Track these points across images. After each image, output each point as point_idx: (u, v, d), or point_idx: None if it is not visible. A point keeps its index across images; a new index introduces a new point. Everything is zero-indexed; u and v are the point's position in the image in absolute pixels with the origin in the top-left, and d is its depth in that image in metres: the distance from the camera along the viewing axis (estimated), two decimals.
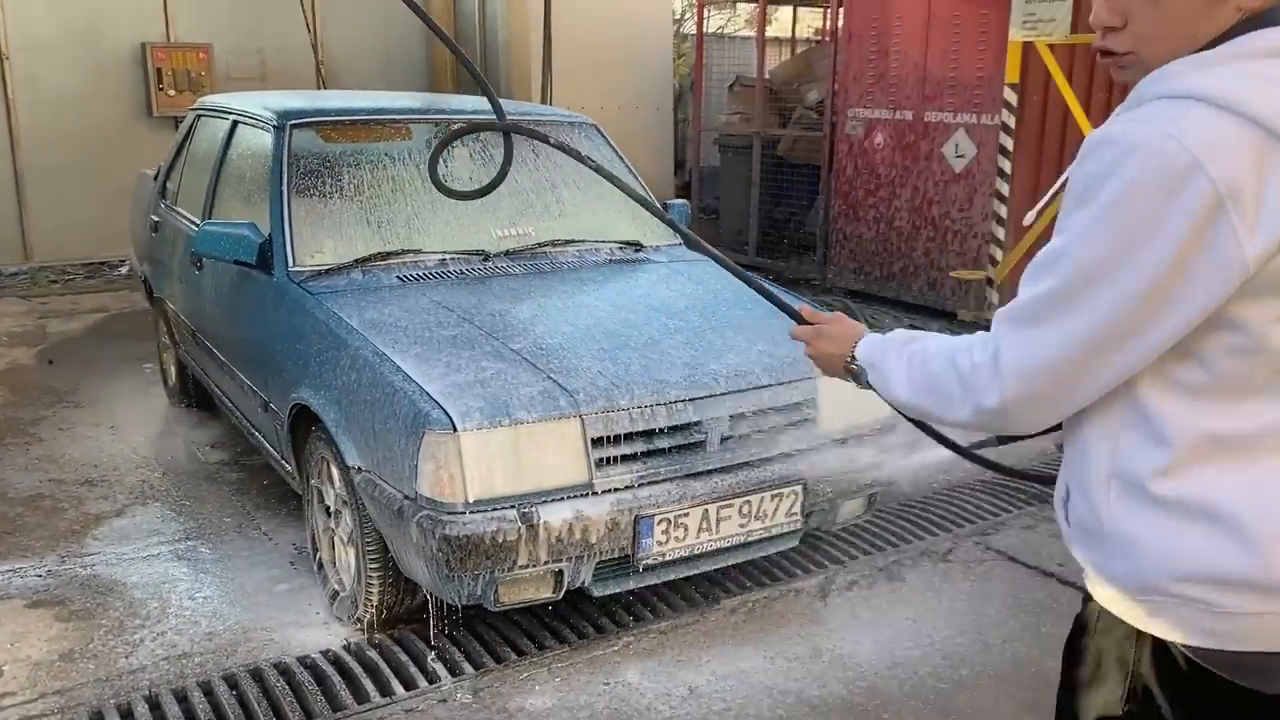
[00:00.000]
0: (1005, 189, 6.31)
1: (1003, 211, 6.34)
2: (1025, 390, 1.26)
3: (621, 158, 4.42)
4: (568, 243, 3.87)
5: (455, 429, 2.61)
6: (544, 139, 1.98)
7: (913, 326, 6.75)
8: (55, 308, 7.48)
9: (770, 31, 9.67)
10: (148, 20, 8.17)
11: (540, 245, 3.80)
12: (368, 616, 3.04)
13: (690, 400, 2.88)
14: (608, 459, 2.78)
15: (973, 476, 4.38)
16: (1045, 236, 1.18)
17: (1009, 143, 6.25)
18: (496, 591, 2.72)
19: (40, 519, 3.93)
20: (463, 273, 3.54)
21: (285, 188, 3.64)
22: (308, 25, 6.75)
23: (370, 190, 3.75)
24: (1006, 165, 6.29)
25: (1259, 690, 1.24)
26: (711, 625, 3.22)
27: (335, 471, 3.09)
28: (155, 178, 5.28)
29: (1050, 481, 1.46)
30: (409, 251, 3.59)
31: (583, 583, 2.84)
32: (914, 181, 7.35)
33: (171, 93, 8.18)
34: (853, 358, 1.58)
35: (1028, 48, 6.04)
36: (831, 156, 8.05)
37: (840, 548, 3.71)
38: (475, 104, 4.47)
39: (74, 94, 8.00)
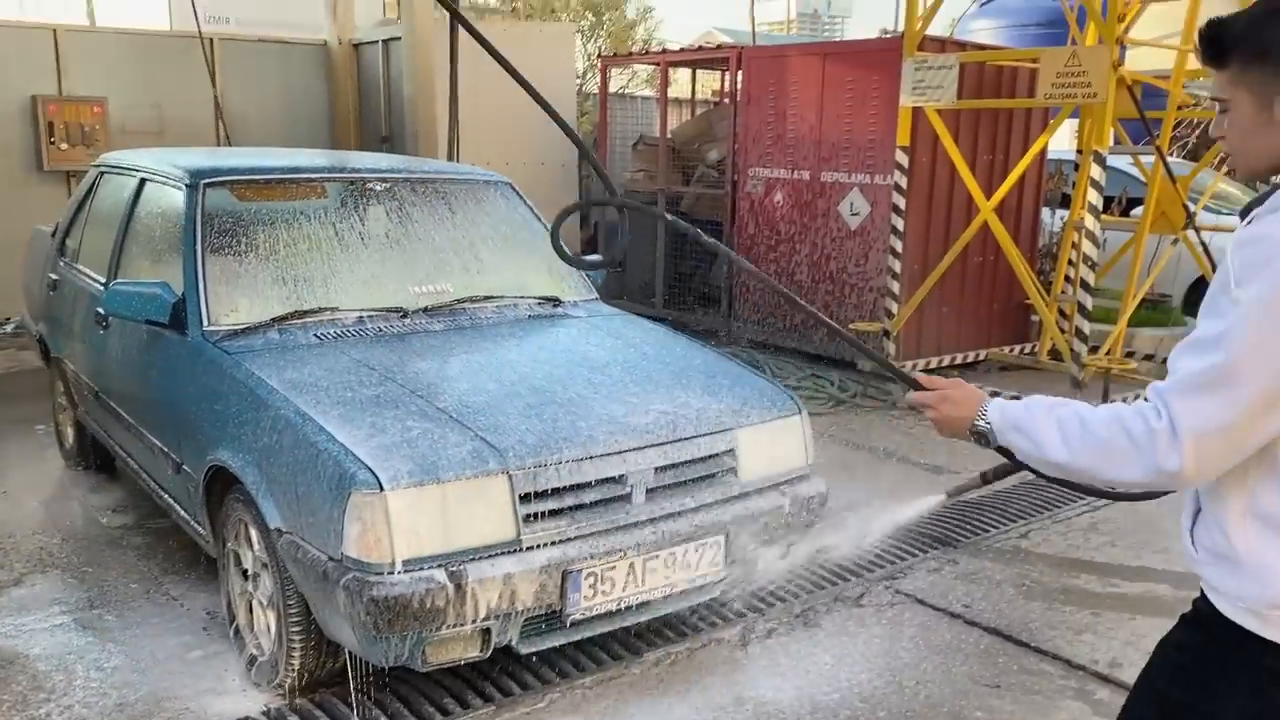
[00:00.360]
0: (899, 245, 6.59)
1: (897, 266, 6.61)
2: (1202, 451, 1.46)
3: (537, 215, 4.50)
4: (486, 299, 3.91)
5: (382, 488, 2.62)
6: (659, 215, 2.09)
7: (814, 375, 6.99)
8: None
9: (670, 92, 9.92)
10: (39, 73, 7.95)
11: (459, 301, 3.83)
12: (288, 681, 2.99)
13: (615, 454, 2.94)
14: (535, 515, 2.82)
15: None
16: (936, 294, 1.27)
17: (901, 201, 6.53)
18: (424, 652, 2.71)
19: None
20: (381, 330, 3.55)
21: (199, 247, 3.61)
22: (212, 79, 6.66)
23: (285, 249, 3.73)
24: (899, 223, 6.57)
25: None
26: (636, 678, 3.26)
27: (255, 534, 3.05)
28: (53, 234, 5.14)
29: None
30: (326, 309, 3.59)
31: (510, 640, 2.85)
32: (812, 238, 7.61)
33: (64, 147, 7.96)
34: (980, 420, 1.73)
35: (917, 112, 6.36)
36: (734, 213, 8.28)
37: (757, 595, 3.79)
38: (389, 162, 4.52)
39: None
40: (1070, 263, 7.02)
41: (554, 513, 2.85)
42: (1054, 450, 1.62)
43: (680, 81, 11.46)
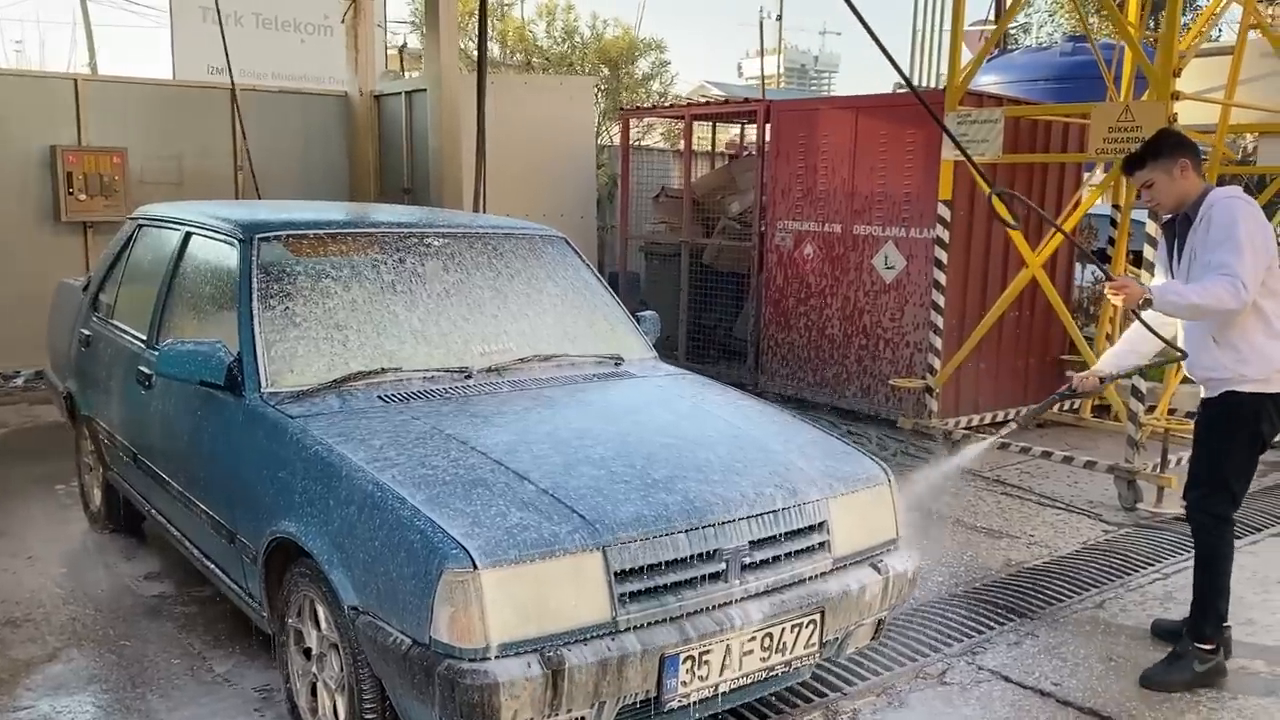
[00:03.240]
0: (940, 300, 6.47)
1: (939, 321, 6.48)
2: (1254, 287, 3.37)
3: (592, 270, 4.37)
4: (548, 358, 3.75)
5: (475, 567, 2.44)
6: None
7: (850, 432, 6.82)
8: None
9: (696, 144, 9.89)
10: (59, 123, 7.85)
11: (522, 361, 3.67)
12: None
13: (710, 526, 2.77)
14: (630, 594, 2.63)
15: (945, 593, 4.36)
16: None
17: (943, 255, 6.43)
18: None
19: None
20: (447, 392, 3.38)
21: (255, 304, 3.45)
22: (242, 132, 6.55)
23: (342, 306, 3.58)
24: (941, 277, 6.46)
25: None
26: None
27: (323, 611, 2.85)
28: (84, 289, 4.98)
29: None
30: (388, 370, 3.42)
31: None
32: (844, 291, 7.49)
33: (82, 197, 7.83)
34: (1147, 294, 3.47)
35: (958, 166, 6.27)
36: (761, 265, 8.17)
37: (835, 673, 3.60)
38: (441, 216, 4.40)
39: None
40: (1111, 320, 6.91)
41: (649, 591, 2.66)
42: (1193, 297, 3.40)
43: (698, 133, 11.42)
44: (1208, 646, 3.63)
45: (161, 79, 9.70)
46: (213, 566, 3.60)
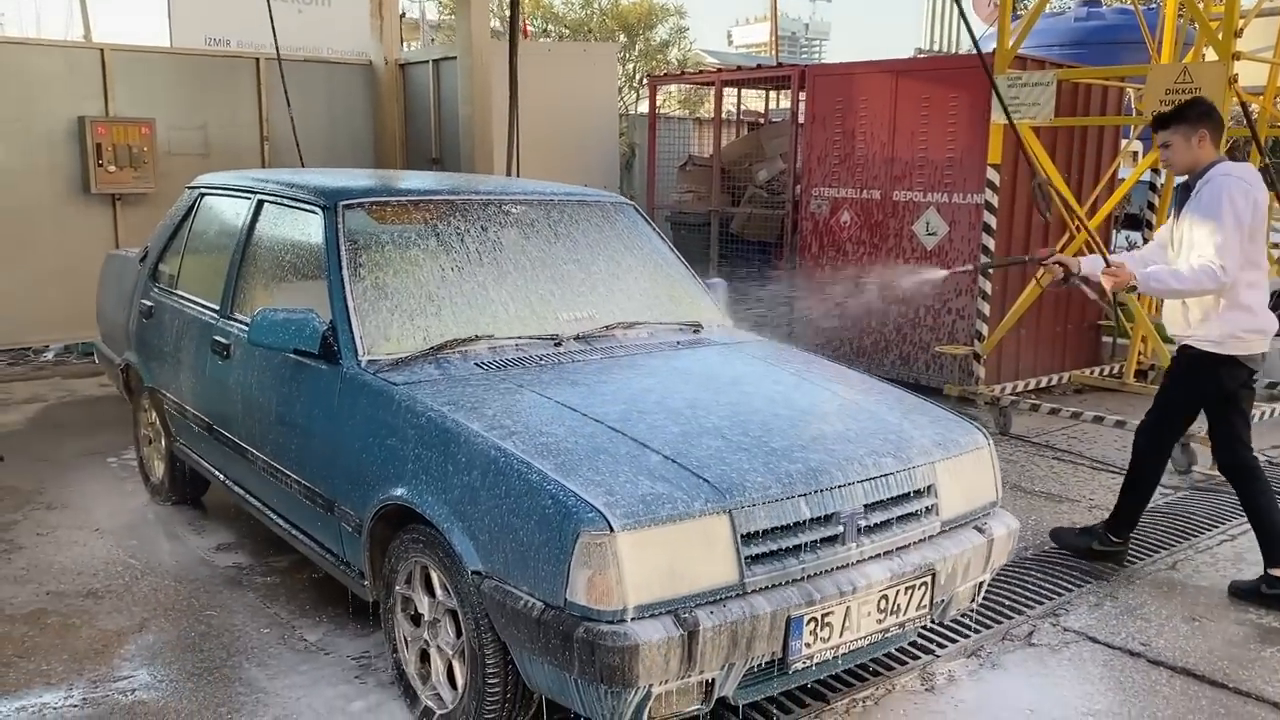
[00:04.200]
0: None
1: (987, 288, 6.47)
2: (1233, 274, 3.76)
3: (662, 237, 4.34)
4: (631, 325, 3.73)
5: (612, 529, 2.43)
6: None
7: None
8: None
9: (709, 112, 9.81)
10: (87, 94, 7.73)
11: (607, 328, 3.65)
12: None
13: (829, 490, 2.76)
14: (756, 557, 2.63)
15: (1018, 557, 4.36)
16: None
17: (992, 220, 6.40)
18: (649, 707, 2.52)
19: (52, 639, 3.52)
20: (542, 359, 3.36)
21: (345, 272, 3.42)
22: (286, 99, 6.46)
23: (430, 273, 3.55)
24: (990, 242, 6.44)
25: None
26: None
27: (438, 577, 2.84)
28: (141, 260, 4.93)
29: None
30: (481, 338, 3.40)
31: (728, 691, 2.66)
32: (884, 258, 7.47)
33: (112, 169, 7.72)
34: (1133, 281, 3.96)
35: (1006, 130, 6.23)
36: (795, 233, 8.14)
37: (923, 636, 3.61)
38: (514, 184, 4.36)
39: (3, 169, 7.47)
40: None
41: (773, 554, 2.66)
42: (1176, 284, 3.83)
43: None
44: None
45: (188, 48, 9.56)
46: (301, 536, 3.59)
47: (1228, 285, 3.79)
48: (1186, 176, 3.99)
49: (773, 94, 10.47)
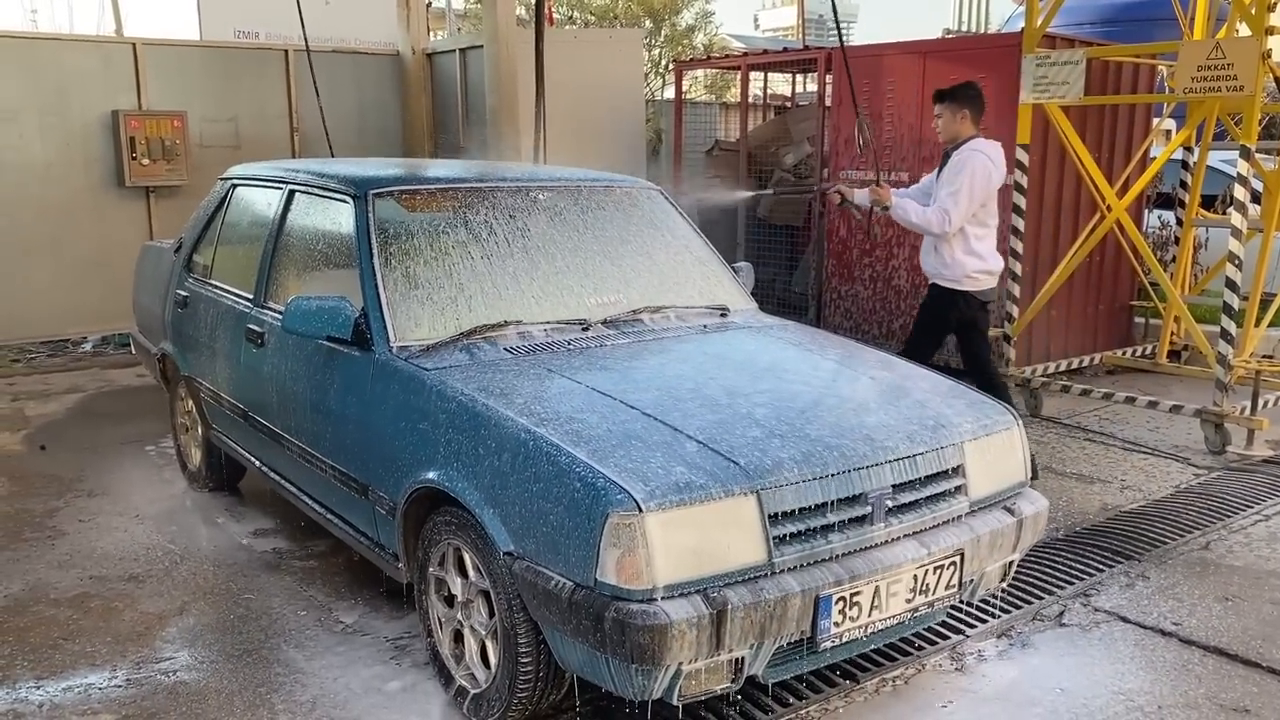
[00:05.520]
0: (1019, 247, 6.41)
1: (1018, 269, 6.43)
2: (955, 225, 4.79)
3: (689, 221, 4.35)
4: (658, 309, 3.75)
5: (640, 509, 2.46)
6: None
7: None
8: (25, 389, 7.04)
9: (735, 96, 9.78)
10: (120, 88, 7.85)
11: (636, 312, 3.67)
12: (511, 714, 2.83)
13: (857, 470, 2.78)
14: (783, 537, 2.65)
15: (1048, 537, 4.36)
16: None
17: (1022, 201, 6.36)
18: (680, 685, 2.55)
19: (96, 622, 3.61)
20: (570, 344, 3.39)
21: (375, 260, 3.46)
22: (315, 90, 6.51)
23: (459, 260, 3.58)
24: (1020, 223, 6.39)
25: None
26: (861, 706, 3.10)
27: (470, 559, 2.89)
28: (175, 250, 5.01)
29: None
30: (510, 323, 3.43)
31: (757, 669, 2.69)
32: (913, 240, 7.40)
33: (145, 162, 7.84)
34: (888, 201, 4.96)
35: (1035, 110, 6.19)
36: (824, 217, 8.11)
37: (953, 615, 3.62)
38: (543, 171, 4.38)
39: (41, 163, 7.62)
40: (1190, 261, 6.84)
41: (801, 534, 2.68)
42: (914, 218, 4.90)
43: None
44: None
45: (217, 41, 9.66)
46: (336, 520, 3.65)
47: (950, 233, 4.83)
48: (949, 147, 4.94)
49: (799, 77, 10.41)
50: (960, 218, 4.77)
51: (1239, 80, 5.16)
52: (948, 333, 5.09)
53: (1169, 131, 8.91)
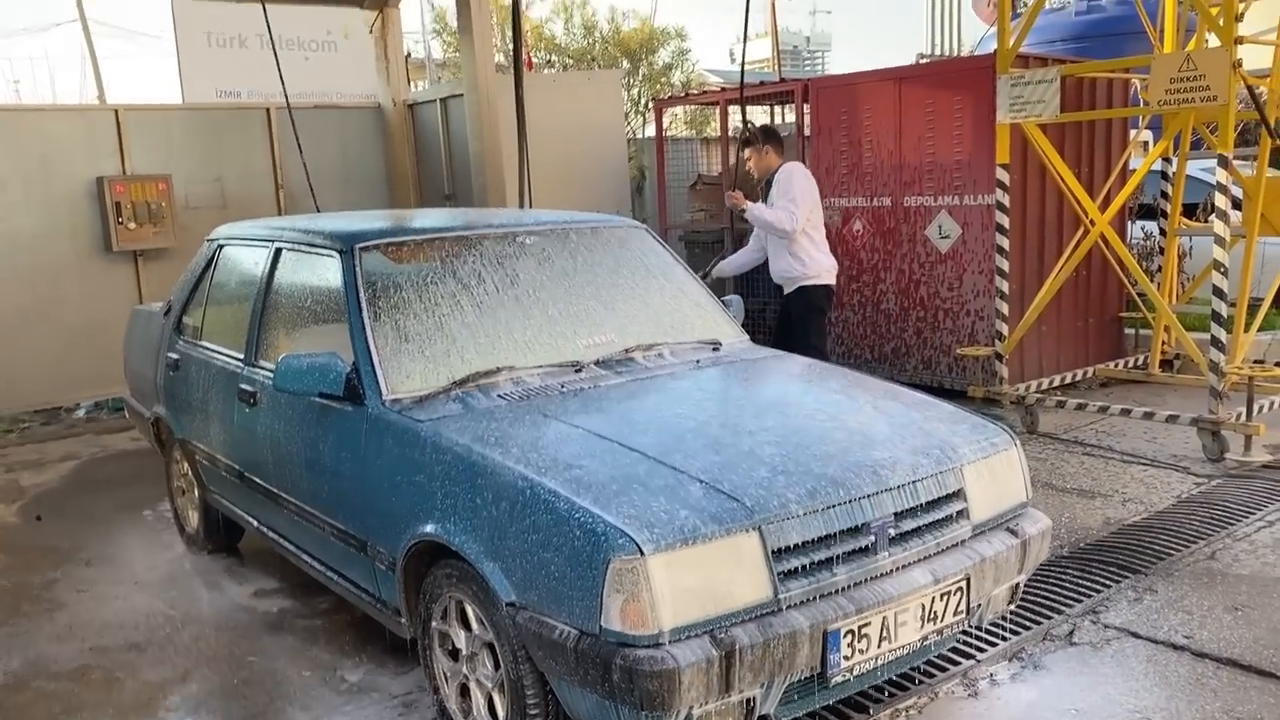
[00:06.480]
0: (1005, 265, 6.44)
1: (1005, 287, 6.46)
2: (800, 223, 5.82)
3: (675, 257, 4.36)
4: (650, 346, 3.75)
5: (642, 553, 2.44)
6: None
7: None
8: (20, 458, 6.99)
9: (715, 130, 9.85)
10: (103, 154, 7.88)
11: (628, 351, 3.67)
12: None
13: (858, 500, 2.77)
14: (788, 572, 2.63)
15: (1052, 555, 4.34)
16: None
17: (1005, 220, 6.40)
18: None
19: (97, 695, 3.56)
20: (564, 387, 3.39)
21: (364, 314, 3.46)
22: (298, 146, 6.56)
23: (446, 309, 3.59)
24: (1004, 242, 6.43)
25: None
26: None
27: (473, 611, 2.86)
28: (165, 313, 5.01)
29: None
30: (501, 370, 3.43)
31: (769, 709, 2.66)
32: (898, 264, 7.46)
33: (131, 226, 7.86)
34: (746, 207, 6.00)
35: (1013, 129, 6.24)
36: None
37: (962, 640, 3.59)
38: (528, 215, 4.41)
39: (28, 232, 7.62)
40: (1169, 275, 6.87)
41: (806, 569, 2.67)
42: (767, 216, 5.85)
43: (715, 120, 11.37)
44: None
45: (199, 103, 9.72)
46: (336, 577, 3.62)
47: (796, 230, 5.79)
48: (767, 177, 6.00)
49: (777, 108, 10.49)
50: (801, 217, 5.78)
51: (1212, 91, 5.21)
52: (809, 318, 6.02)
53: (1146, 143, 8.99)
